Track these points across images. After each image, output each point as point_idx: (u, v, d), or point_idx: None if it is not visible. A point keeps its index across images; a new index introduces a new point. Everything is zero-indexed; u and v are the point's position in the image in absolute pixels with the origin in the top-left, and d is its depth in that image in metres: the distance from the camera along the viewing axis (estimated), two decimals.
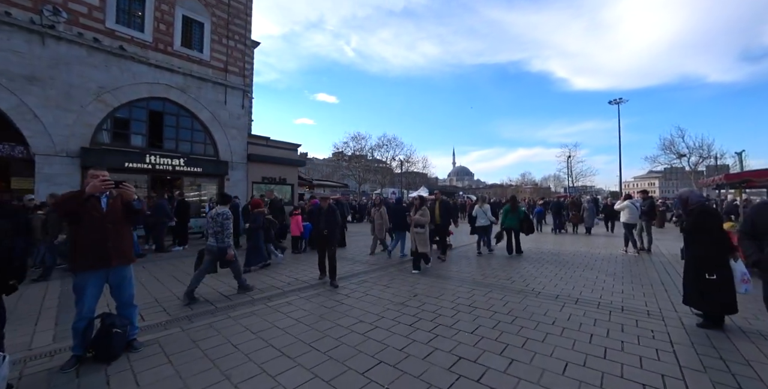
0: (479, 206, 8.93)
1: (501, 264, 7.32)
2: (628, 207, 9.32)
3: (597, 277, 6.08)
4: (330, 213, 5.88)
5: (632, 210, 9.24)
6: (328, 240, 5.85)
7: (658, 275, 6.29)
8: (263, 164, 14.77)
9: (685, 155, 31.51)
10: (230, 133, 13.62)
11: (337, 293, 5.19)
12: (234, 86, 13.78)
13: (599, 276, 6.13)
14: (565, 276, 6.14)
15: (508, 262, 7.60)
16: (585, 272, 6.54)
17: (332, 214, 5.89)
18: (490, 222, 8.76)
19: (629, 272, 6.48)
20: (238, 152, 13.88)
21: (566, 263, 7.39)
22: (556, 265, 7.21)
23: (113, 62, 10.51)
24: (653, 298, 4.80)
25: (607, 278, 5.96)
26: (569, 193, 28.91)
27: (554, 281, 5.82)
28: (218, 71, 13.39)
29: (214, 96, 13.18)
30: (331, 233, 5.84)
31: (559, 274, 6.33)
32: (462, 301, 4.71)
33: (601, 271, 6.60)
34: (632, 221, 9.18)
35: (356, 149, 42.92)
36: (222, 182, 13.33)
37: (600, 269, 6.75)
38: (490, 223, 8.80)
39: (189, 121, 12.66)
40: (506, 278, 6.04)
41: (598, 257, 8.26)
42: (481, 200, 9.35)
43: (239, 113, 14.01)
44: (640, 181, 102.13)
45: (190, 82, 12.44)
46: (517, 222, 8.55)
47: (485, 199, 9.85)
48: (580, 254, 8.62)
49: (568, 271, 6.61)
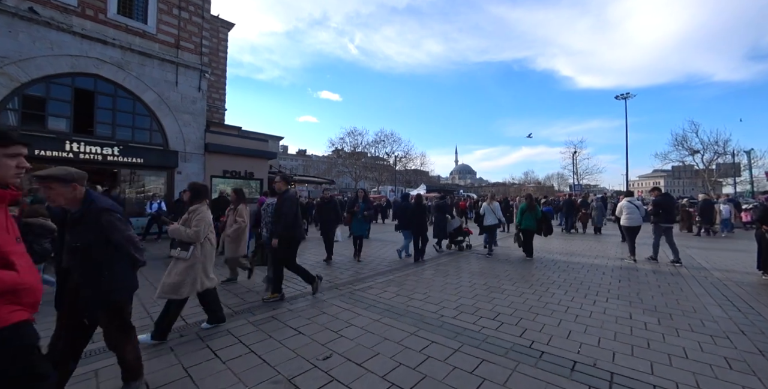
0: (487, 203, 8.11)
1: (491, 283, 5.16)
2: (626, 207, 7.36)
3: (630, 314, 3.88)
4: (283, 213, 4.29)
5: (631, 210, 7.27)
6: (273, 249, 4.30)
7: (722, 308, 4.09)
8: (225, 155, 12.70)
9: (699, 152, 28.94)
10: (183, 118, 11.56)
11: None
12: (188, 65, 11.70)
13: (634, 314, 3.92)
14: (583, 313, 3.94)
15: (501, 281, 5.43)
16: (610, 302, 4.33)
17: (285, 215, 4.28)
18: (498, 222, 8.02)
19: (675, 304, 4.27)
20: (193, 141, 11.82)
21: (581, 284, 5.19)
22: (568, 288, 5.02)
23: (21, 28, 8.47)
24: (749, 371, 2.61)
25: (648, 320, 3.75)
26: (575, 191, 26.51)
27: (566, 323, 3.63)
28: (167, 47, 11.32)
29: (161, 75, 11.11)
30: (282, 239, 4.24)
31: (572, 307, 4.13)
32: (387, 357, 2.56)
33: (632, 301, 4.39)
34: (633, 223, 7.22)
35: (353, 145, 40.81)
36: (172, 176, 11.28)
37: (628, 297, 4.55)
38: (498, 222, 8.08)
39: (130, 103, 10.61)
40: (491, 315, 3.87)
41: (617, 270, 6.04)
42: (490, 197, 8.38)
43: (195, 96, 11.94)
44: (645, 180, 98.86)
45: (129, 57, 10.38)
46: (535, 223, 7.43)
47: (494, 196, 8.87)
48: (595, 268, 6.40)
49: (585, 300, 4.41)
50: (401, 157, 41.33)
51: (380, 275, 5.81)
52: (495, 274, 5.87)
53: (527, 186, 67.06)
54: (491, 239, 8.02)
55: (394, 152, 40.96)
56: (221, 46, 17.71)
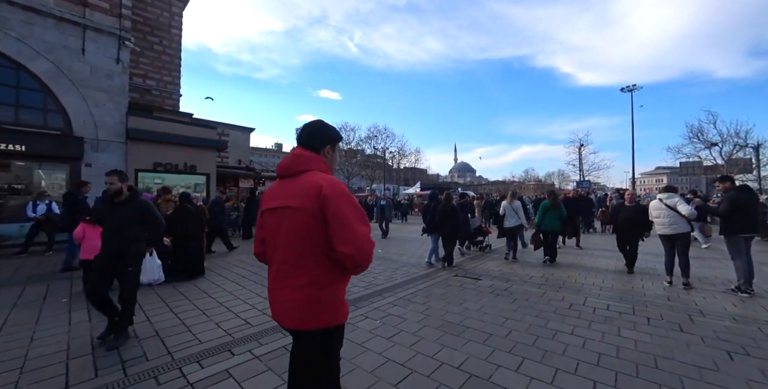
0: (508, 202, 7.19)
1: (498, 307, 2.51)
2: (654, 208, 4.94)
3: None
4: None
5: (662, 215, 4.85)
6: None
7: None
8: (158, 145, 10.02)
9: (717, 144, 25.97)
10: (93, 97, 8.88)
11: None
12: (99, 29, 9.01)
13: None
14: None
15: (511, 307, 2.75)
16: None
17: None
18: (520, 223, 7.02)
19: None
20: (109, 126, 9.14)
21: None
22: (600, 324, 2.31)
23: None
24: None
25: None
26: (583, 188, 23.68)
27: None
28: (69, 3, 8.63)
29: (58, 39, 8.43)
30: None
31: None
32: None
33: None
34: (671, 231, 4.77)
35: (345, 141, 38.07)
36: (76, 169, 8.61)
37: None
38: (521, 224, 7.06)
39: (11, 74, 7.95)
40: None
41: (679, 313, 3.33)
42: (510, 196, 7.30)
43: (111, 68, 9.26)
44: (648, 177, 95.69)
45: (7, 12, 7.71)
46: (559, 223, 6.57)
47: (515, 194, 7.58)
48: (629, 298, 3.68)
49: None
50: (395, 153, 38.56)
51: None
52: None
53: (527, 184, 64.29)
54: (515, 243, 6.93)
55: (387, 148, 38.21)
56: (174, 21, 15.01)
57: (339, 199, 1.30)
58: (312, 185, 1.33)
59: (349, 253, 1.26)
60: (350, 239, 1.27)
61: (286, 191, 1.39)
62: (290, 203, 1.35)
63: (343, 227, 1.28)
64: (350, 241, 1.27)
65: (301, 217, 1.31)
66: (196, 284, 4.99)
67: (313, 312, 1.31)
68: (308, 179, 1.36)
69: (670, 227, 4.58)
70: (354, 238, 1.28)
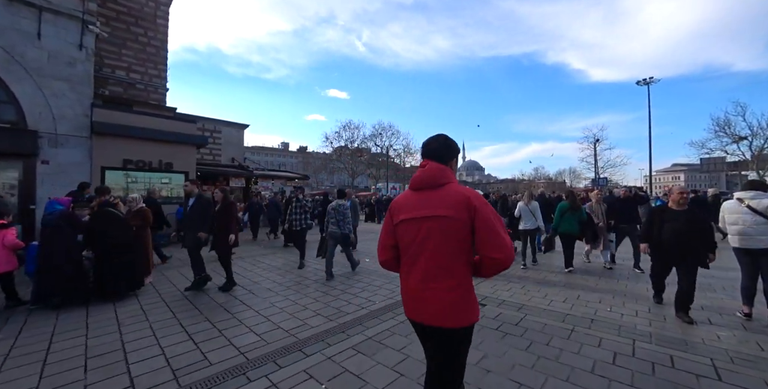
0: (525, 203, 6.36)
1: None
2: (727, 211, 3.59)
3: None
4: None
5: (742, 220, 3.48)
6: None
7: None
8: (129, 140, 9.02)
9: (746, 138, 23.85)
10: (51, 86, 7.90)
11: None
12: (58, 11, 8.02)
13: None
14: None
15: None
16: None
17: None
18: (538, 226, 6.27)
19: None
20: (70, 119, 8.16)
21: None
22: None
23: None
24: None
25: None
26: (599, 185, 21.98)
27: None
28: None
29: (9, 21, 7.46)
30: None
31: None
32: None
33: None
34: (751, 244, 3.37)
35: (347, 140, 37.00)
36: (31, 167, 7.66)
37: None
38: (538, 227, 6.29)
39: None
40: None
41: None
42: (527, 196, 6.54)
43: (73, 55, 8.26)
44: (663, 175, 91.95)
45: None
46: (578, 226, 5.80)
47: (533, 194, 7.08)
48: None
49: None
50: (401, 151, 37.28)
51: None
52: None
53: (537, 182, 62.18)
54: (533, 247, 6.42)
55: (392, 146, 36.90)
56: (160, 11, 14.03)
57: (485, 208, 1.40)
58: (461, 196, 1.43)
59: (499, 258, 1.36)
60: (501, 245, 1.36)
61: (430, 202, 1.47)
62: (440, 213, 1.43)
63: (495, 235, 1.37)
64: (501, 248, 1.36)
65: (454, 225, 1.40)
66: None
67: (463, 310, 1.42)
68: (454, 190, 1.46)
69: (755, 238, 3.21)
70: (504, 245, 1.36)
